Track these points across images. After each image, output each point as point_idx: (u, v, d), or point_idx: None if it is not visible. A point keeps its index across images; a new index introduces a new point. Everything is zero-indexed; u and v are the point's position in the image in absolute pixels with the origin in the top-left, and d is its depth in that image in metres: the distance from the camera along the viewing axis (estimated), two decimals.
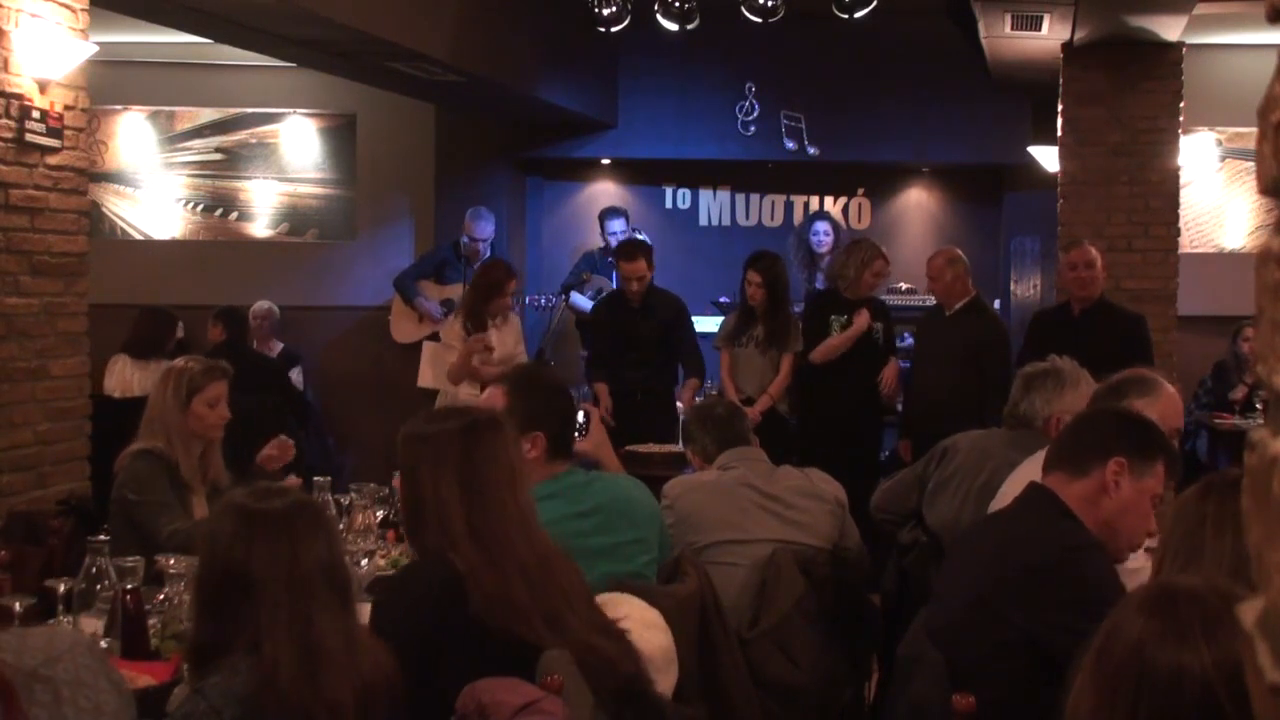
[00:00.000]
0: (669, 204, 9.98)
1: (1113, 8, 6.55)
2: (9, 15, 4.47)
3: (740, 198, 9.94)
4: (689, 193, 9.96)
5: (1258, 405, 7.04)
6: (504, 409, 3.04)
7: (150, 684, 2.51)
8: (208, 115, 9.63)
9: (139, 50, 8.99)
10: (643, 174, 9.88)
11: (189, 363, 3.85)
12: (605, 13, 7.31)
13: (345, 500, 3.72)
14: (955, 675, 2.52)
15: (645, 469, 5.04)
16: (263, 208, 9.67)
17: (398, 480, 3.02)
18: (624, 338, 6.48)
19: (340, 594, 2.09)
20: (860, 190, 9.86)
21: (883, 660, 3.69)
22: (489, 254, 8.32)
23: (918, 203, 9.90)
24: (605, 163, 9.86)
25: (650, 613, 2.72)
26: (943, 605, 2.74)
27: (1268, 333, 0.96)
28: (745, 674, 3.20)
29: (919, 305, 7.97)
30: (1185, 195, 7.90)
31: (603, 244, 8.66)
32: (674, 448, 5.62)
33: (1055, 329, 5.93)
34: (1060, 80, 7.50)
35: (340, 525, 3.41)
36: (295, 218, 9.68)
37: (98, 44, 4.90)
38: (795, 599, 3.46)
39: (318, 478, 3.64)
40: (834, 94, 9.18)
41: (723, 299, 8.28)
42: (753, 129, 9.28)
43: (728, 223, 9.93)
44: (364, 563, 3.31)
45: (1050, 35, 7.13)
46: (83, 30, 4.84)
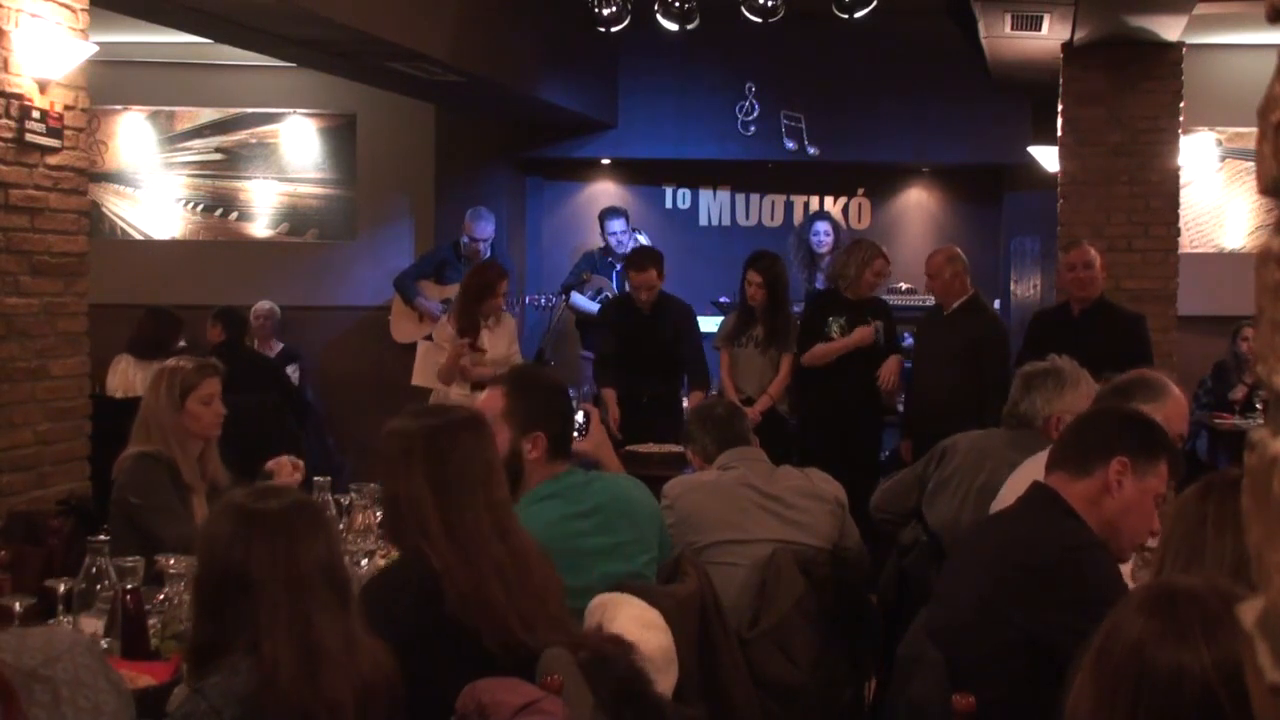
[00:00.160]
0: (669, 204, 9.98)
1: (1113, 8, 6.56)
2: (9, 15, 4.47)
3: (740, 198, 9.94)
4: (689, 193, 9.96)
5: (1258, 405, 7.04)
6: (504, 409, 3.04)
7: (150, 684, 2.50)
8: (208, 115, 9.64)
9: (139, 50, 9.00)
10: (643, 174, 9.88)
11: (180, 362, 3.82)
12: (605, 13, 7.31)
13: (345, 500, 3.72)
14: (956, 675, 2.51)
15: (645, 469, 5.03)
16: (263, 208, 9.68)
17: None
18: (633, 344, 6.45)
19: (339, 594, 2.09)
20: (860, 190, 9.86)
21: (883, 660, 3.69)
22: (489, 254, 8.32)
23: (918, 203, 9.90)
24: (605, 163, 9.86)
25: (650, 613, 2.72)
26: (945, 605, 2.74)
27: (1268, 333, 0.96)
28: (745, 674, 3.20)
29: (919, 305, 7.96)
30: (1185, 195, 7.90)
31: (603, 244, 8.66)
32: (674, 448, 5.61)
33: (1055, 329, 5.92)
34: (1060, 80, 7.50)
35: (340, 525, 3.41)
36: (295, 218, 9.68)
37: (98, 44, 4.90)
38: (795, 599, 3.46)
39: (318, 478, 3.63)
40: (834, 94, 9.18)
41: (723, 299, 8.28)
42: (753, 129, 9.28)
43: (728, 223, 9.93)
44: (364, 563, 3.30)
45: (1050, 35, 7.13)
46: (83, 30, 4.84)
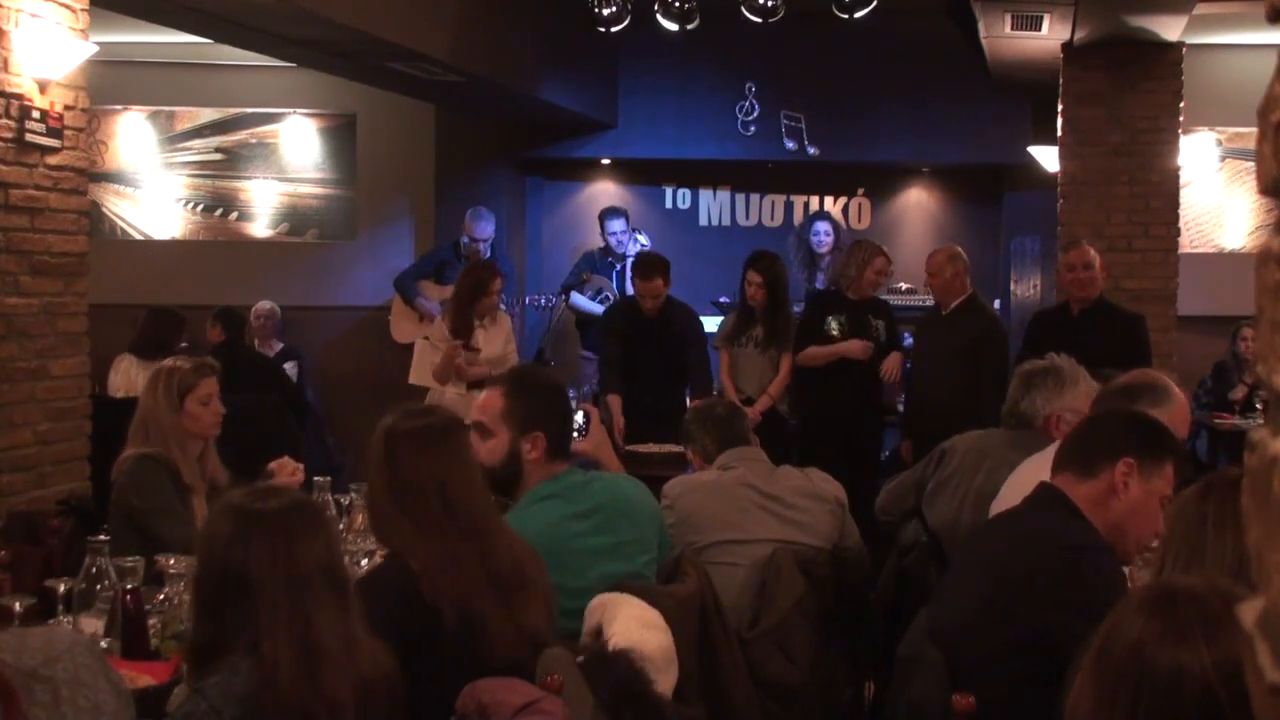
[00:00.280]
0: (669, 204, 9.98)
1: (1113, 8, 6.56)
2: (9, 15, 4.47)
3: (740, 198, 9.94)
4: (689, 193, 9.97)
5: (1258, 405, 7.04)
6: (503, 409, 3.04)
7: (150, 684, 2.50)
8: (208, 115, 9.64)
9: (139, 50, 9.00)
10: (643, 174, 9.88)
11: (176, 363, 3.81)
12: (605, 13, 7.31)
13: (345, 500, 3.72)
14: (957, 675, 2.51)
15: (645, 469, 5.03)
16: (263, 208, 9.68)
17: None
18: (638, 349, 6.43)
19: (339, 593, 2.09)
20: (860, 190, 9.86)
21: (883, 660, 3.69)
22: (489, 254, 8.31)
23: (918, 203, 9.90)
24: (605, 163, 9.86)
25: (650, 613, 2.72)
26: (948, 604, 2.74)
27: (1268, 333, 0.96)
28: (745, 674, 3.20)
29: (919, 305, 7.96)
30: (1185, 195, 7.90)
31: (603, 244, 8.66)
32: (674, 448, 5.61)
33: (1054, 329, 5.92)
34: (1060, 80, 7.50)
35: (340, 525, 3.41)
36: (295, 218, 9.68)
37: (98, 44, 4.90)
38: (795, 599, 3.46)
39: (318, 478, 3.63)
40: (834, 94, 9.18)
41: (723, 299, 8.28)
42: (753, 129, 9.29)
43: (728, 223, 9.94)
44: (364, 562, 3.30)
45: (1050, 35, 7.13)
46: (83, 30, 4.84)
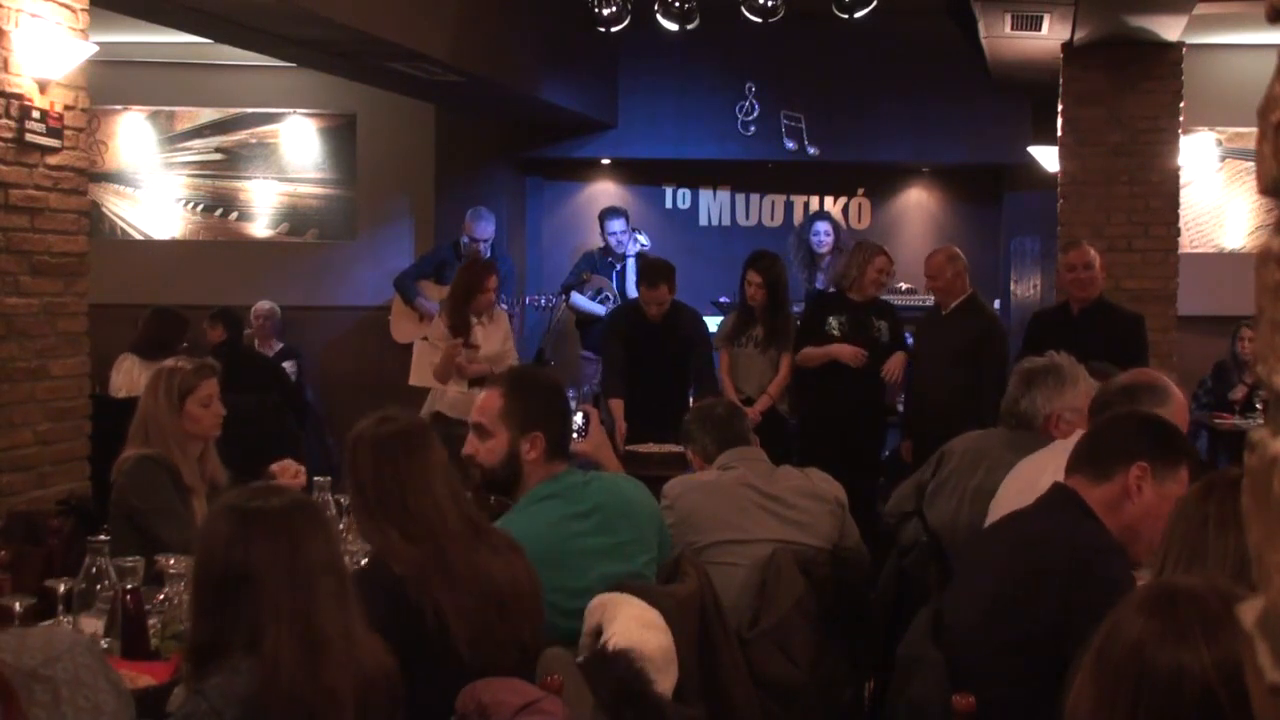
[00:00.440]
0: (669, 204, 9.98)
1: (1113, 8, 6.56)
2: (9, 15, 4.47)
3: (740, 198, 9.94)
4: (689, 193, 9.97)
5: (1258, 405, 7.04)
6: (501, 410, 3.04)
7: (150, 684, 2.50)
8: (208, 115, 9.64)
9: (139, 50, 9.00)
10: (643, 174, 9.88)
11: (177, 363, 3.81)
12: (605, 13, 7.32)
13: (345, 500, 3.71)
14: (961, 675, 2.51)
15: (645, 469, 5.03)
16: (263, 208, 9.68)
17: None
18: (643, 353, 6.42)
19: (340, 590, 2.09)
20: (860, 190, 9.86)
21: (883, 660, 3.69)
22: (489, 254, 8.31)
23: (918, 203, 9.90)
24: (605, 163, 9.86)
25: (650, 613, 2.72)
26: (957, 603, 2.74)
27: (1268, 333, 0.96)
28: (745, 674, 3.20)
29: (919, 305, 7.96)
30: (1185, 195, 7.90)
31: (602, 244, 8.66)
32: (674, 448, 5.61)
33: (1054, 329, 5.92)
34: (1060, 80, 7.50)
35: (340, 525, 3.41)
36: (295, 218, 9.68)
37: (98, 44, 4.90)
38: (795, 599, 3.46)
39: (318, 477, 3.63)
40: (834, 94, 9.18)
41: (723, 299, 8.28)
42: (753, 129, 9.29)
43: (728, 223, 9.94)
44: (363, 562, 3.30)
45: (1050, 35, 7.13)
46: (83, 30, 4.84)
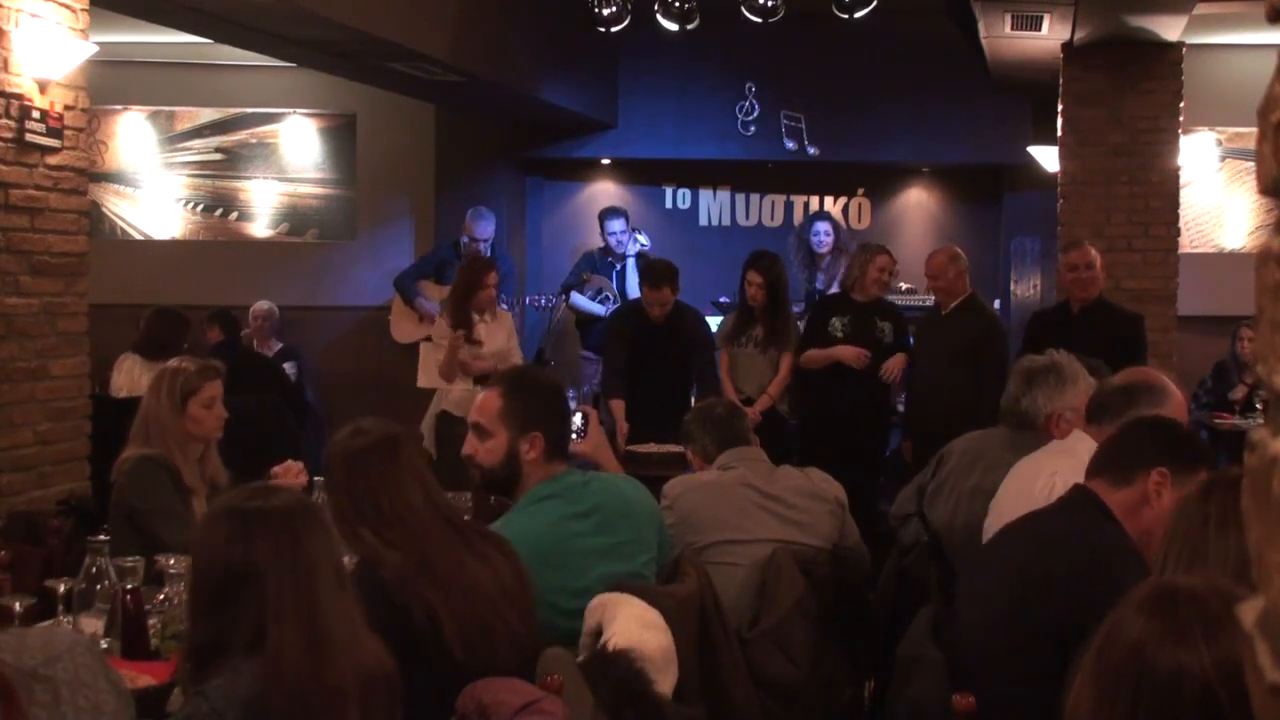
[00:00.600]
0: (669, 204, 9.98)
1: (1113, 8, 6.55)
2: (9, 15, 4.47)
3: (740, 198, 9.94)
4: (689, 193, 9.97)
5: (1258, 405, 7.04)
6: (501, 410, 3.04)
7: (150, 684, 2.50)
8: (208, 115, 9.64)
9: (139, 50, 9.00)
10: (643, 174, 9.88)
11: (182, 364, 3.80)
12: (605, 13, 7.32)
13: None
14: (967, 672, 2.51)
15: (645, 469, 5.03)
16: (263, 208, 9.68)
17: None
18: (645, 354, 6.42)
19: (341, 587, 2.09)
20: (860, 190, 9.86)
21: (883, 660, 3.69)
22: (489, 254, 8.31)
23: (918, 203, 9.90)
24: (605, 163, 9.86)
25: (650, 613, 2.72)
26: (970, 600, 2.74)
27: (1268, 333, 0.96)
28: (745, 674, 3.20)
29: (919, 305, 7.96)
30: (1185, 195, 7.90)
31: (602, 244, 8.66)
32: (674, 448, 5.61)
33: (1054, 328, 5.92)
34: (1060, 80, 7.50)
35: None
36: (295, 218, 9.68)
37: (98, 44, 4.90)
38: (795, 599, 3.46)
39: (318, 477, 3.63)
40: (834, 94, 9.18)
41: (723, 299, 8.28)
42: (753, 129, 9.29)
43: (728, 223, 9.94)
44: (349, 562, 3.30)
45: (1050, 35, 7.13)
46: (83, 30, 4.84)
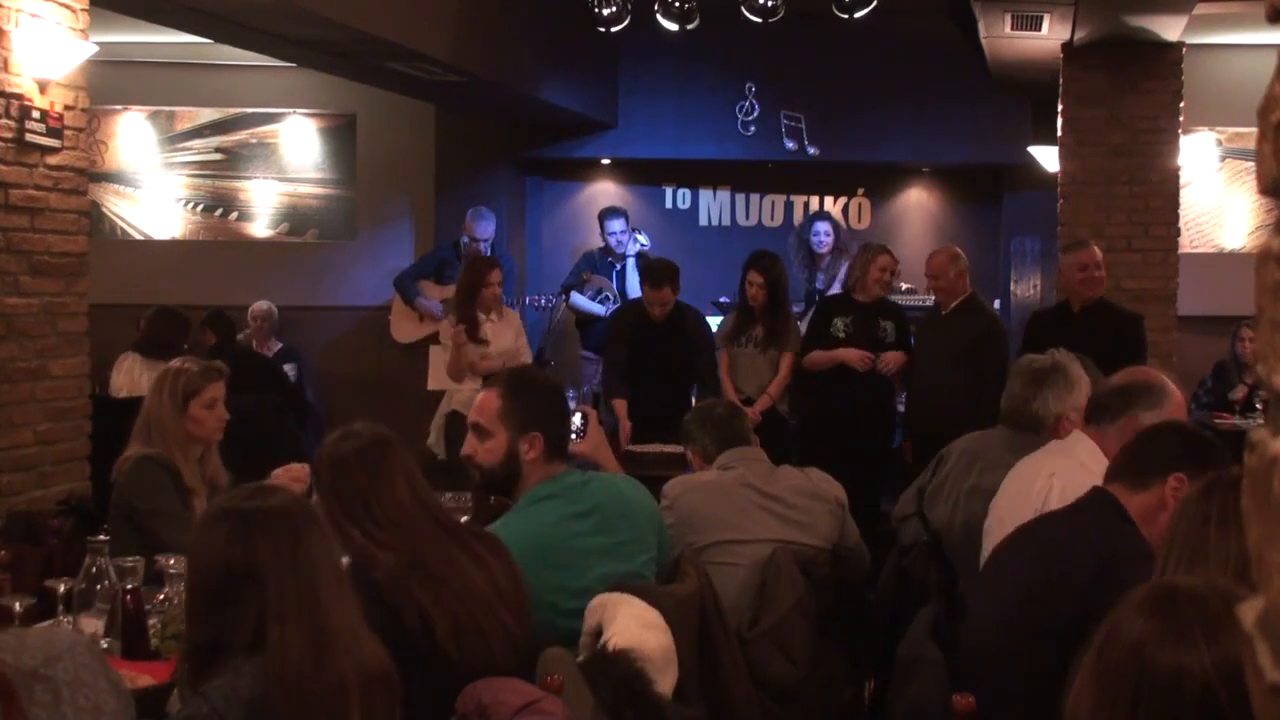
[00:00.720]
0: (669, 204, 9.98)
1: (1113, 8, 6.55)
2: (9, 15, 4.47)
3: (740, 198, 9.94)
4: (689, 193, 9.97)
5: (1258, 405, 7.04)
6: (500, 410, 3.04)
7: (150, 684, 2.51)
8: (208, 115, 9.64)
9: (139, 50, 9.00)
10: (643, 174, 9.88)
11: (185, 364, 3.80)
12: (605, 13, 7.32)
13: None
14: (973, 667, 2.52)
15: (644, 469, 5.03)
16: (263, 208, 9.68)
17: None
18: (646, 354, 6.42)
19: (339, 584, 2.09)
20: (860, 190, 9.86)
21: (883, 660, 3.69)
22: (489, 254, 8.31)
23: (918, 203, 9.90)
24: (605, 163, 9.86)
25: (650, 613, 2.72)
26: (982, 596, 2.74)
27: (1268, 333, 0.96)
28: (745, 674, 3.20)
29: (919, 305, 7.96)
30: (1185, 195, 7.90)
31: (602, 244, 8.66)
32: (674, 448, 5.60)
33: (1055, 328, 5.91)
34: (1060, 80, 7.50)
35: None
36: (295, 218, 9.68)
37: (98, 44, 4.90)
38: (795, 599, 3.46)
39: None
40: (834, 94, 9.19)
41: (723, 299, 8.28)
42: (753, 129, 9.29)
43: (728, 223, 9.94)
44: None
45: (1050, 35, 7.13)
46: (83, 30, 4.84)
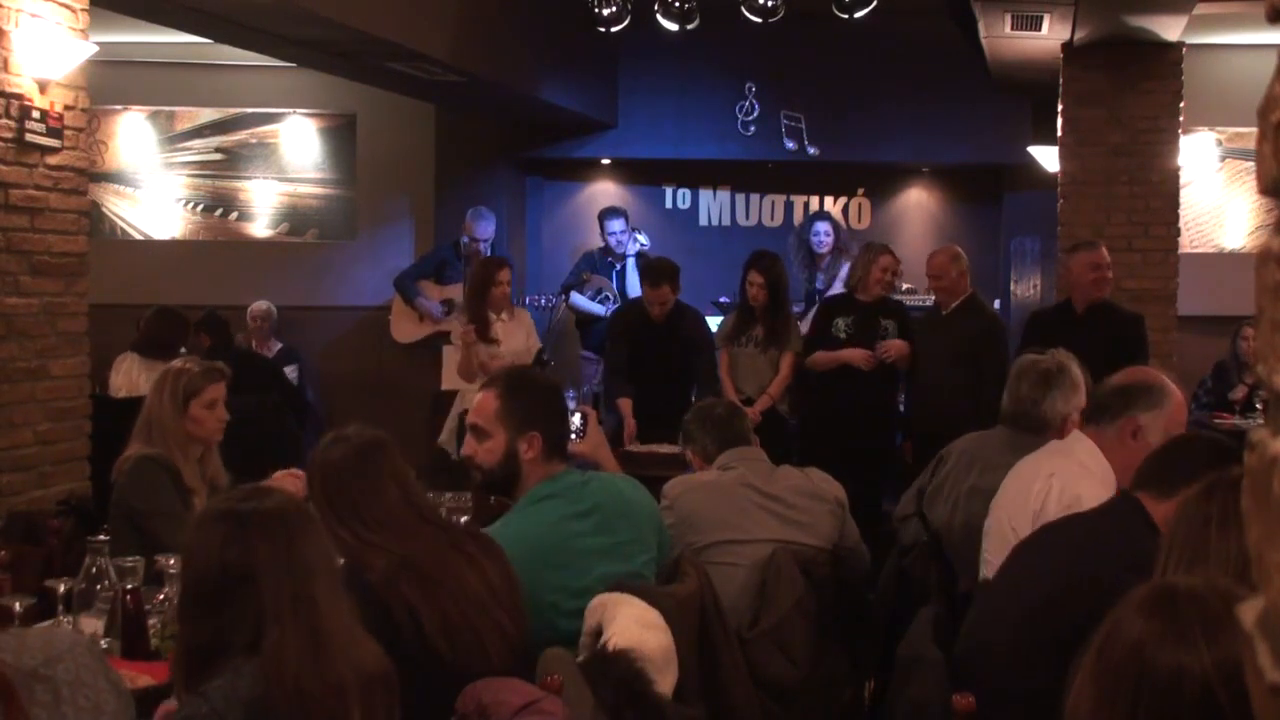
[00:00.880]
0: (669, 204, 9.99)
1: (1113, 8, 6.55)
2: (9, 15, 4.47)
3: (740, 198, 9.95)
4: (689, 193, 9.97)
5: (1258, 405, 7.03)
6: (497, 411, 3.05)
7: (150, 684, 2.51)
8: (208, 115, 9.64)
9: (139, 50, 9.00)
10: (643, 174, 9.89)
11: (186, 364, 3.81)
12: (605, 13, 7.32)
13: None
14: (971, 668, 2.51)
15: (644, 469, 5.03)
16: (263, 208, 9.68)
17: None
18: (645, 354, 6.41)
19: (335, 585, 2.09)
20: (860, 190, 9.86)
21: (883, 660, 3.69)
22: (489, 254, 8.31)
23: (918, 203, 9.91)
24: (605, 163, 9.86)
25: (650, 613, 2.72)
26: (998, 595, 2.74)
27: (1268, 333, 0.96)
28: (745, 674, 3.20)
29: (919, 305, 7.96)
30: (1185, 195, 7.90)
31: (602, 244, 8.67)
32: (674, 448, 5.60)
33: (1055, 328, 5.90)
34: (1060, 80, 7.50)
35: None
36: (295, 218, 9.68)
37: (98, 44, 4.90)
38: (795, 599, 3.46)
39: None
40: (834, 94, 9.19)
41: (723, 299, 8.28)
42: (753, 129, 9.29)
43: (728, 223, 9.94)
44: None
45: (1050, 35, 7.13)
46: (83, 30, 4.84)
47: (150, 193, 9.66)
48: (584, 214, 9.75)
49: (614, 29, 7.43)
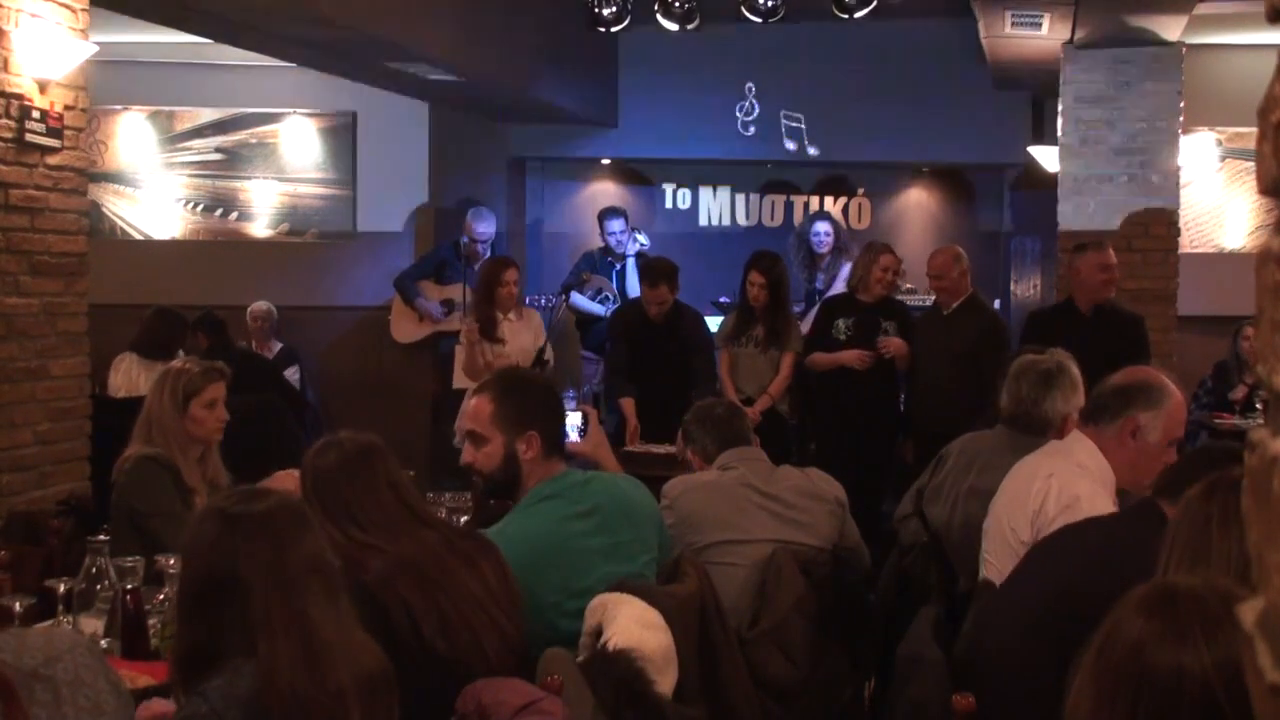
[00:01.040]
0: (669, 204, 9.99)
1: (1113, 8, 6.56)
2: (9, 15, 4.47)
3: (740, 198, 9.95)
4: (689, 193, 9.98)
5: (1258, 405, 7.03)
6: (492, 413, 3.05)
7: (150, 684, 2.51)
8: (208, 115, 9.63)
9: (139, 50, 8.99)
10: (643, 174, 9.89)
11: (186, 364, 3.81)
12: (605, 13, 7.32)
13: None
14: (972, 667, 2.51)
15: (645, 469, 5.03)
16: (263, 208, 9.67)
17: None
18: (644, 354, 6.42)
19: (330, 590, 2.08)
20: (860, 190, 9.87)
21: (883, 660, 3.69)
22: (489, 254, 8.31)
23: (918, 203, 9.91)
24: (605, 163, 9.87)
25: (650, 613, 2.72)
26: (1009, 595, 2.74)
27: (1268, 333, 0.96)
28: (745, 674, 3.20)
29: (919, 305, 7.96)
30: (1185, 195, 7.90)
31: (602, 244, 8.67)
32: (665, 448, 5.60)
33: (1058, 328, 5.89)
34: (1060, 80, 7.51)
35: None
36: (295, 218, 9.67)
37: (98, 44, 4.90)
38: (795, 599, 3.46)
39: None
40: (834, 94, 9.19)
41: (723, 299, 8.29)
42: (753, 129, 9.29)
43: (728, 223, 9.95)
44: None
45: (1050, 35, 7.13)
46: (83, 30, 4.84)
47: (150, 193, 9.66)
48: (584, 214, 9.75)
49: (614, 29, 7.43)
